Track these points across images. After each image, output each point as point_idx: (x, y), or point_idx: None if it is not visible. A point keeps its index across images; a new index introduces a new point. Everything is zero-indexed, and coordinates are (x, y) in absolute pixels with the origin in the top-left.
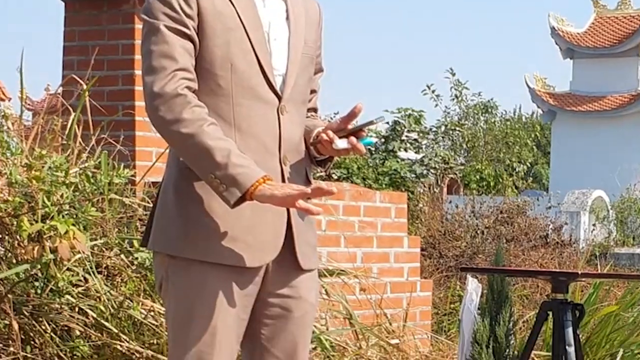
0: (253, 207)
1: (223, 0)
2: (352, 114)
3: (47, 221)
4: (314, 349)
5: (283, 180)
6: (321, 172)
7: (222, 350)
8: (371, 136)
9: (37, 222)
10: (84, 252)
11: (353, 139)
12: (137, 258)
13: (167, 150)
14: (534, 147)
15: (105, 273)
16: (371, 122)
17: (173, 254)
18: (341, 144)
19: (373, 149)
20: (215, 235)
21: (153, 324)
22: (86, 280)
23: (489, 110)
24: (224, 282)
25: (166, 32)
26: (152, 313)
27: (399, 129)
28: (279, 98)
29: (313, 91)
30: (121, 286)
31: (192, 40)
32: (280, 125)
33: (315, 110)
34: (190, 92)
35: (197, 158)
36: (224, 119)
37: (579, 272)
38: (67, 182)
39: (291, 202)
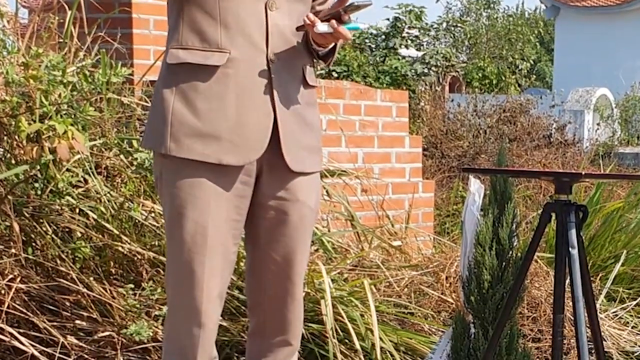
0: (238, 107)
1: None
2: (341, 0)
3: (46, 121)
4: (316, 250)
5: (270, 81)
6: (323, 68)
7: (214, 250)
8: (356, 21)
9: (35, 122)
10: (83, 153)
11: (334, 22)
12: (136, 158)
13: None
14: (537, 43)
15: (105, 174)
16: (354, 5)
17: (160, 151)
18: (322, 27)
19: (373, 46)
20: (199, 134)
21: (154, 226)
22: (86, 181)
23: (491, 5)
24: (212, 182)
25: None
26: (152, 214)
27: (400, 25)
28: None
29: None
30: (121, 187)
31: None
32: (268, 20)
33: None
34: None
35: None
36: (209, 14)
37: (583, 173)
38: (65, 81)
39: None
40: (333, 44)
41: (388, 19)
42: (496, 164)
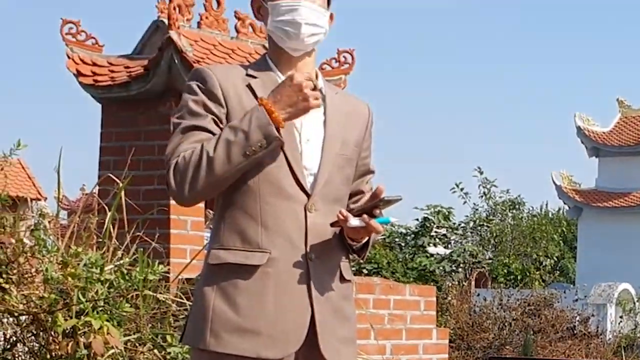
0: (276, 304)
1: (252, 101)
2: (374, 196)
3: (82, 317)
4: None
5: (309, 277)
6: (357, 262)
7: None
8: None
9: (71, 318)
10: (117, 347)
11: (366, 216)
12: (169, 353)
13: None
14: (561, 241)
15: None
16: (385, 200)
17: (199, 347)
18: (354, 222)
19: (403, 244)
20: (239, 329)
21: None
22: None
23: (517, 206)
24: None
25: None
26: None
27: (429, 225)
28: (308, 195)
29: (362, 192)
30: None
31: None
32: (307, 222)
33: None
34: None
35: (226, 160)
36: (250, 216)
37: None
38: (102, 278)
39: (304, 96)
40: (367, 239)
41: (417, 219)
42: (521, 354)
